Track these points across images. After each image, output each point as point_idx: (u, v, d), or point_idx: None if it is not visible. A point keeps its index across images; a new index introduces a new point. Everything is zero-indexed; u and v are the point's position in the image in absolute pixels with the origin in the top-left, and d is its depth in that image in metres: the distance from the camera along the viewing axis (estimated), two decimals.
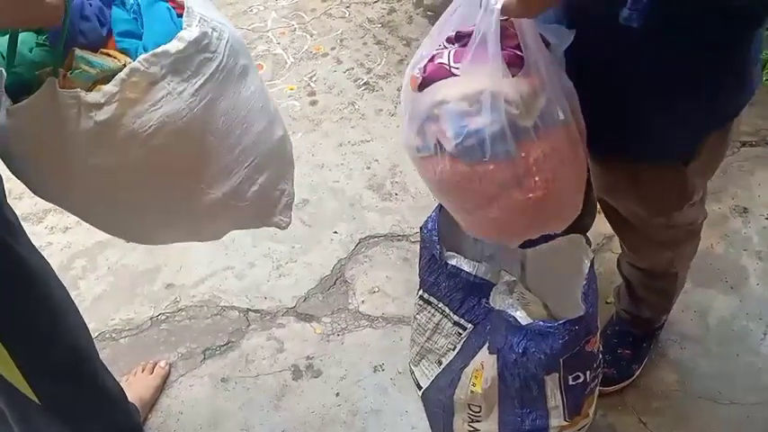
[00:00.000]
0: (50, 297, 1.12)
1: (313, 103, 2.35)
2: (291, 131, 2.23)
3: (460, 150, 0.92)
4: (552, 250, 1.20)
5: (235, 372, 1.65)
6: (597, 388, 1.26)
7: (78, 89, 0.87)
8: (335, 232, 1.94)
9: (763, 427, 1.47)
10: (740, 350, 1.60)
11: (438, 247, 1.21)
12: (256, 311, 1.78)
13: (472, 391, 1.21)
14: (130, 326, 1.77)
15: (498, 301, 1.16)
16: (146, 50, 0.91)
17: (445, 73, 0.94)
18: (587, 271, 1.13)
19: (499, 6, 0.84)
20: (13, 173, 0.97)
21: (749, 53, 0.98)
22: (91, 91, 0.88)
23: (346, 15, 2.70)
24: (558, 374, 1.16)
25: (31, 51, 0.91)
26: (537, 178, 0.94)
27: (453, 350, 1.28)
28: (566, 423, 1.22)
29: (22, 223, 1.10)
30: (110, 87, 0.87)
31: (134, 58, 0.92)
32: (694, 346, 1.61)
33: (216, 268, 1.88)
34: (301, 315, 1.76)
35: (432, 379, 1.35)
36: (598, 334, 1.20)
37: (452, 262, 1.23)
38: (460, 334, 1.26)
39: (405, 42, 2.56)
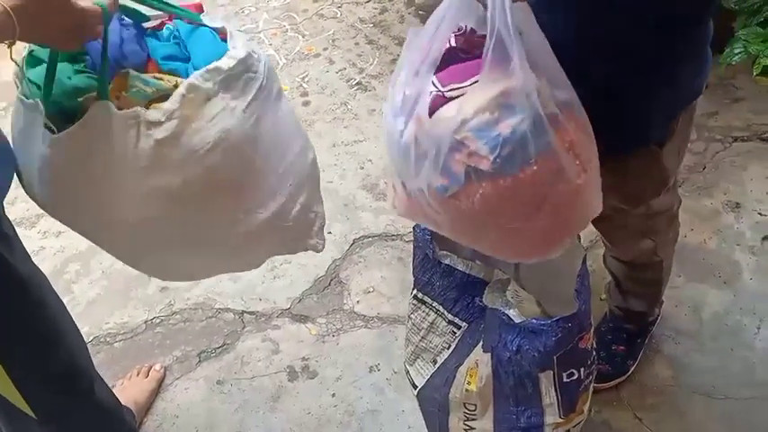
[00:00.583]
0: (46, 310, 1.12)
1: (306, 103, 2.35)
2: None
3: (500, 164, 0.85)
4: None
5: (230, 374, 1.65)
6: (592, 385, 1.26)
7: (138, 107, 0.86)
8: (329, 233, 1.94)
9: (758, 422, 1.48)
10: (734, 345, 1.61)
11: (431, 246, 1.21)
12: (251, 313, 1.78)
13: (467, 390, 1.21)
14: (125, 330, 1.77)
15: (491, 299, 1.17)
16: (196, 69, 0.92)
17: (442, 100, 0.88)
18: (580, 268, 1.13)
19: None
20: (47, 209, 0.96)
21: (706, 35, 1.05)
22: (147, 109, 0.87)
23: (338, 16, 2.70)
24: (552, 372, 1.17)
25: (70, 79, 0.89)
26: (578, 161, 0.89)
27: (448, 349, 1.28)
28: (561, 420, 1.22)
29: (16, 228, 1.09)
30: (169, 104, 0.87)
31: (184, 77, 0.92)
32: (688, 342, 1.62)
33: None
34: (296, 316, 1.76)
35: (427, 378, 1.35)
36: (591, 331, 1.21)
37: (446, 261, 1.23)
38: (455, 333, 1.26)
39: (397, 42, 2.56)
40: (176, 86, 0.89)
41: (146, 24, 1.02)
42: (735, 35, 1.90)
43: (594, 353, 1.24)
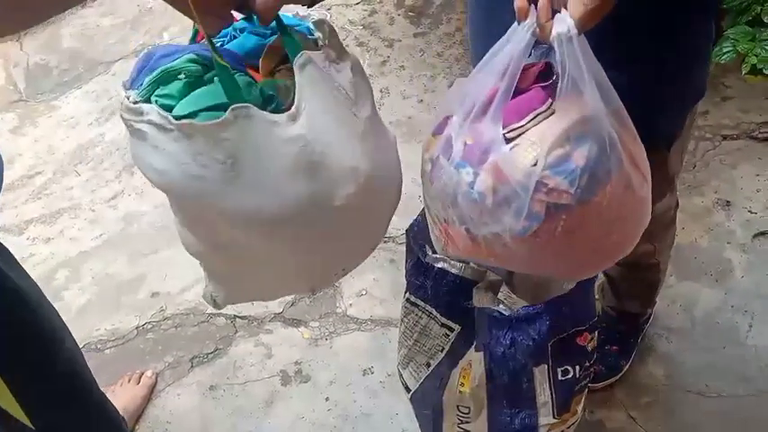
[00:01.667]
0: (43, 319, 1.11)
1: None
2: None
3: (581, 192, 0.83)
4: None
5: (223, 379, 1.64)
6: (587, 387, 1.26)
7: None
8: None
9: (751, 419, 1.49)
10: (726, 343, 1.61)
11: (423, 250, 1.21)
12: (243, 318, 1.77)
13: (461, 392, 1.20)
14: (116, 336, 1.75)
15: (480, 299, 1.16)
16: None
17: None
18: None
19: (574, 28, 0.75)
20: (324, 195, 0.81)
21: (711, 34, 1.04)
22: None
23: (327, 18, 2.69)
24: (546, 366, 1.16)
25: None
26: (640, 172, 0.89)
27: (441, 352, 1.27)
28: (555, 421, 1.22)
29: (5, 235, 1.08)
30: (332, 38, 0.85)
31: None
32: (681, 340, 1.62)
33: (201, 275, 1.86)
34: (289, 320, 1.75)
35: (420, 381, 1.34)
36: (594, 333, 1.20)
37: (439, 265, 1.23)
38: (448, 335, 1.25)
39: (387, 44, 2.56)
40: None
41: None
42: (723, 34, 1.91)
43: (594, 356, 1.24)
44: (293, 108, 0.76)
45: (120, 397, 1.56)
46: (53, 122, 2.39)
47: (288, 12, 0.84)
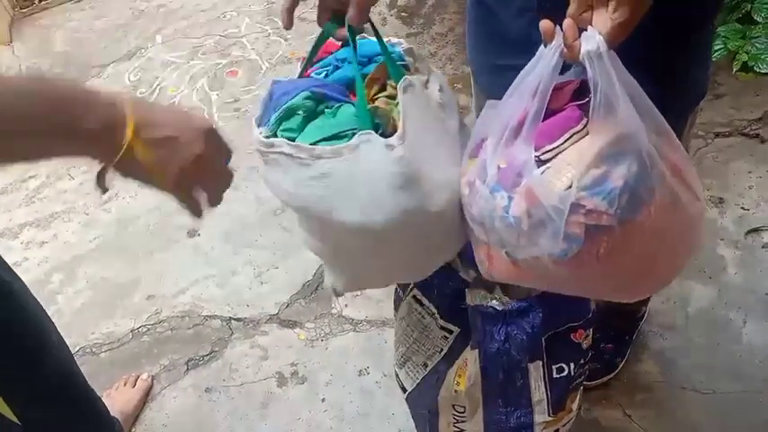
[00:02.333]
0: (29, 318, 1.11)
1: None
2: None
3: (622, 213, 0.80)
4: None
5: (219, 381, 1.64)
6: (582, 385, 1.26)
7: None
8: None
9: (746, 415, 1.49)
10: (721, 339, 1.62)
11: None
12: (239, 320, 1.77)
13: (456, 391, 1.21)
14: (111, 339, 1.75)
15: (473, 297, 1.16)
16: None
17: (538, 164, 0.82)
18: None
19: (603, 44, 0.74)
20: (416, 211, 0.90)
21: (712, 35, 1.05)
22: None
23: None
24: (541, 362, 1.16)
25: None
26: (689, 188, 0.86)
27: (440, 353, 1.28)
28: (550, 419, 1.22)
29: None
30: (421, 64, 0.98)
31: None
32: (676, 337, 1.63)
33: (197, 277, 1.87)
34: (284, 321, 1.75)
35: (417, 382, 1.34)
36: (589, 330, 1.21)
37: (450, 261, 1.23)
38: (447, 338, 1.26)
39: None
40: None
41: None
42: (714, 32, 1.92)
43: (589, 354, 1.24)
44: (400, 130, 0.87)
45: (117, 400, 1.56)
46: None
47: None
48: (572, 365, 1.19)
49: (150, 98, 2.43)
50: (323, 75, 0.99)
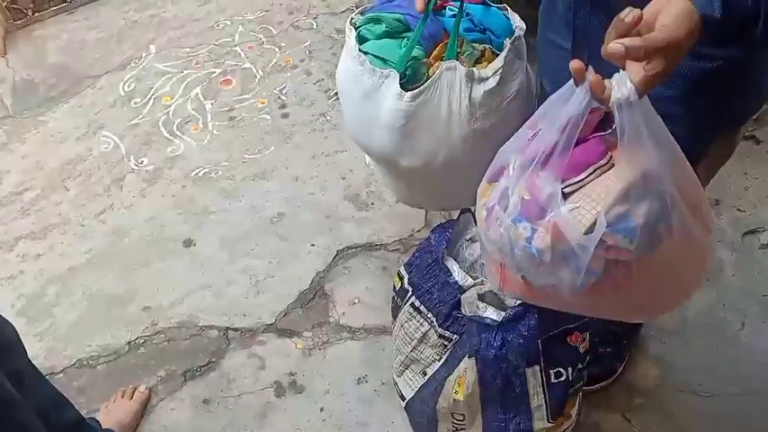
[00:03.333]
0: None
1: (284, 115, 2.34)
2: (264, 145, 2.23)
3: (641, 249, 0.82)
4: None
5: (216, 392, 1.63)
6: (581, 390, 1.26)
7: (473, 67, 1.15)
8: (313, 245, 1.93)
9: (744, 418, 1.49)
10: (719, 342, 1.61)
11: (445, 250, 1.22)
12: (236, 330, 1.76)
13: (455, 399, 1.20)
14: (108, 351, 1.74)
15: (468, 307, 1.16)
16: (497, 38, 1.22)
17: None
18: None
19: (634, 93, 0.73)
20: (386, 153, 1.22)
21: (763, 56, 0.98)
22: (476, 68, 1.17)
23: (314, 27, 2.69)
24: (539, 367, 1.16)
25: (402, 50, 1.19)
26: (701, 220, 0.87)
27: (438, 361, 1.27)
28: (550, 425, 1.22)
29: None
30: (497, 63, 1.16)
31: (489, 43, 1.22)
32: (674, 340, 1.63)
33: (193, 287, 1.86)
34: (282, 331, 1.74)
35: (416, 390, 1.34)
36: (585, 333, 1.21)
37: (448, 264, 1.23)
38: (446, 345, 1.25)
39: None
40: (484, 51, 1.20)
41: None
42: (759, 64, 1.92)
43: (586, 358, 1.24)
44: (416, 92, 1.13)
45: (114, 413, 1.55)
46: (41, 138, 2.37)
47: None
48: (570, 370, 1.19)
49: (145, 108, 2.43)
50: (451, 13, 1.24)
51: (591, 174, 0.83)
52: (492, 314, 1.12)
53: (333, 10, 2.77)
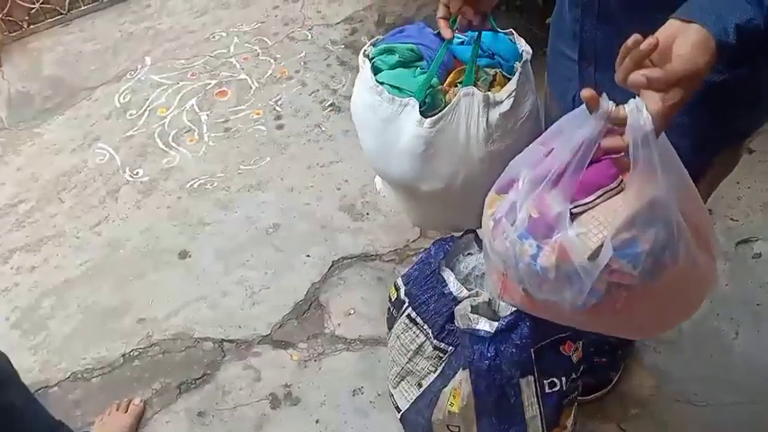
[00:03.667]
0: None
1: (279, 126, 2.34)
2: (259, 156, 2.23)
3: (644, 275, 0.82)
4: None
5: (211, 405, 1.63)
6: (576, 401, 1.26)
7: (488, 91, 1.19)
8: (308, 256, 1.93)
9: (739, 427, 1.49)
10: (714, 351, 1.62)
11: (442, 261, 1.23)
12: (231, 341, 1.75)
13: (450, 411, 1.20)
14: (102, 364, 1.73)
15: (462, 320, 1.17)
16: (506, 62, 1.27)
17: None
18: None
19: (650, 124, 0.72)
20: (406, 179, 1.25)
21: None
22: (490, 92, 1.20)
23: (309, 38, 2.71)
24: (533, 377, 1.16)
25: (417, 79, 1.23)
26: (706, 248, 0.88)
27: (434, 372, 1.28)
28: None
29: None
30: (510, 86, 1.19)
31: (499, 67, 1.27)
32: (669, 350, 1.63)
33: (188, 299, 1.86)
34: (277, 342, 1.74)
35: (411, 401, 1.34)
36: (578, 343, 1.21)
37: (444, 275, 1.24)
38: (441, 357, 1.26)
39: None
40: (496, 75, 1.24)
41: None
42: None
43: (580, 368, 1.24)
44: (436, 118, 1.17)
45: (109, 426, 1.54)
46: (36, 150, 2.38)
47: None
48: (564, 379, 1.19)
49: (140, 119, 2.43)
50: (459, 41, 1.30)
51: (600, 196, 0.84)
52: (485, 326, 1.13)
53: (328, 21, 2.78)
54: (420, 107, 1.18)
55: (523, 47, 1.29)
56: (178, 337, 1.78)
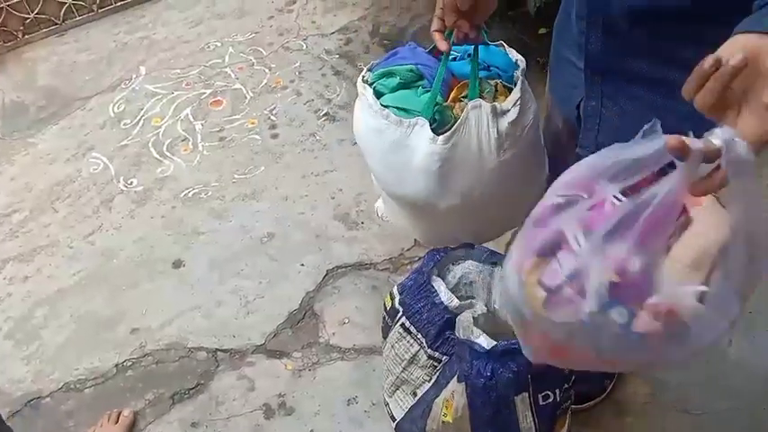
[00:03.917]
0: None
1: (274, 136, 2.35)
2: (254, 165, 2.23)
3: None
4: None
5: (205, 415, 1.62)
6: (569, 410, 1.26)
7: (494, 102, 1.19)
8: (302, 265, 1.93)
9: None
10: (709, 357, 1.62)
11: (433, 269, 1.23)
12: (225, 351, 1.75)
13: (443, 422, 1.20)
14: (95, 374, 1.72)
15: (462, 331, 1.17)
16: (504, 72, 1.28)
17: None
18: None
19: (748, 153, 0.63)
20: (421, 196, 1.24)
21: None
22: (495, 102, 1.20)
23: (304, 48, 2.72)
24: (527, 394, 1.16)
25: (420, 98, 1.23)
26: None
27: (429, 382, 1.27)
28: None
29: None
30: (515, 94, 1.20)
31: (498, 78, 1.28)
32: None
33: (182, 309, 1.85)
34: (271, 352, 1.74)
35: (406, 410, 1.34)
36: None
37: (435, 284, 1.24)
38: (435, 366, 1.26)
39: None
40: (497, 86, 1.25)
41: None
42: None
43: (572, 377, 1.24)
44: (449, 134, 1.17)
45: None
46: (30, 160, 2.37)
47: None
48: (557, 391, 1.19)
49: (134, 129, 2.43)
50: (452, 57, 1.29)
51: (671, 235, 0.75)
52: (483, 342, 1.13)
53: (322, 31, 2.79)
54: (430, 125, 1.19)
55: (516, 56, 1.31)
56: (172, 346, 1.77)
